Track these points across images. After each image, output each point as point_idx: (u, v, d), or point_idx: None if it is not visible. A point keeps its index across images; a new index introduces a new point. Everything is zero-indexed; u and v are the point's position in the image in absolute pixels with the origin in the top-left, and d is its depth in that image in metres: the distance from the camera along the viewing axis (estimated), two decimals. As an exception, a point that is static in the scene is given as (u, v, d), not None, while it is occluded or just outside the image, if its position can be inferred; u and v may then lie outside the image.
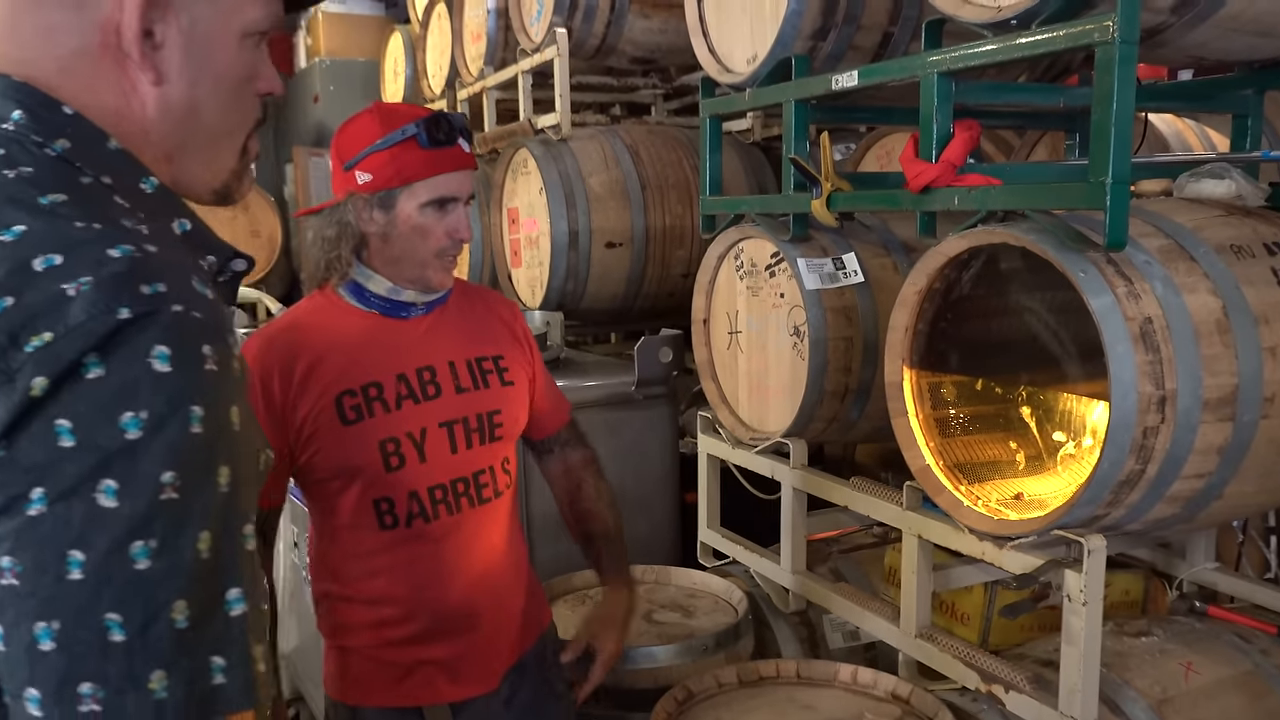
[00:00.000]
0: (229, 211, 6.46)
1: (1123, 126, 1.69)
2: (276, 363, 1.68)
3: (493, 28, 4.47)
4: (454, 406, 1.76)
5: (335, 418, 1.68)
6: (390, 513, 1.72)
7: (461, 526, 1.77)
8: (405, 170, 1.67)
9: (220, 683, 0.75)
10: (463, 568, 1.78)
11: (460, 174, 1.72)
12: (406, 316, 1.78)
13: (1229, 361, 1.79)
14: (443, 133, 1.68)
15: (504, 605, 1.85)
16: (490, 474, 1.80)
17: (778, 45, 2.45)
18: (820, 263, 2.46)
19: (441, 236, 1.70)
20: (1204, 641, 2.16)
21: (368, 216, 1.70)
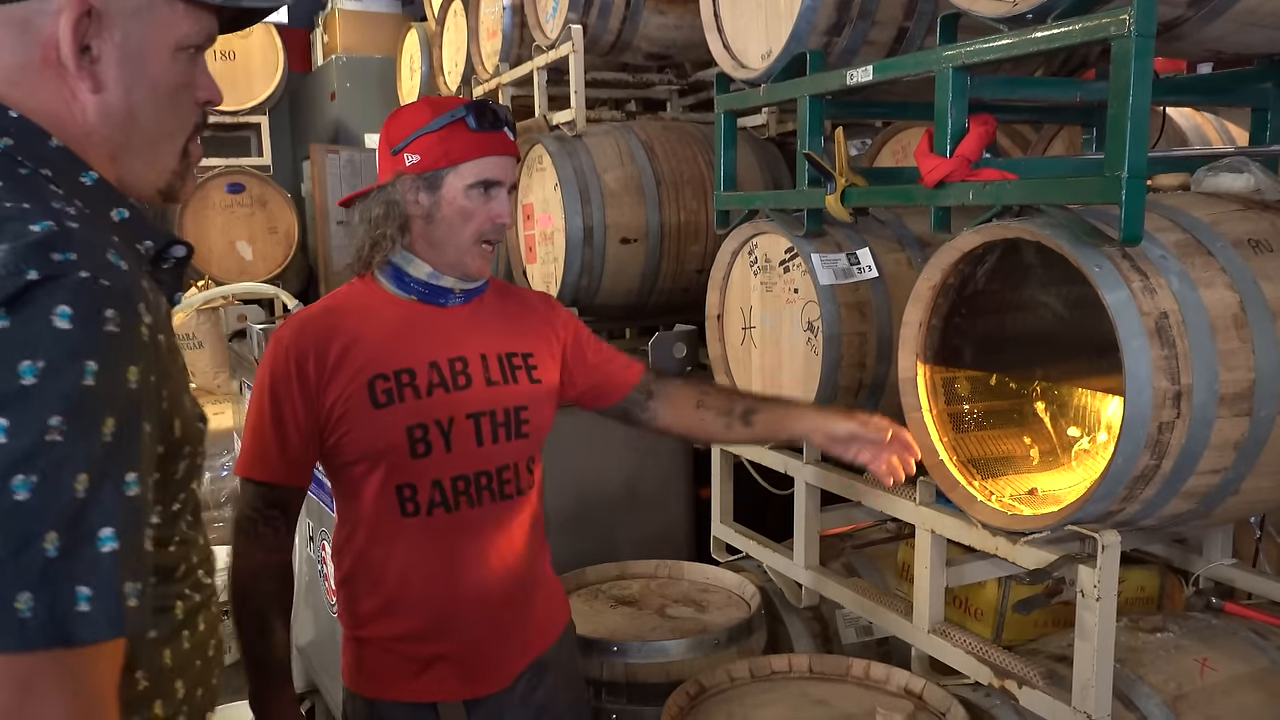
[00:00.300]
0: (247, 208, 6.51)
1: (1139, 121, 1.68)
2: (312, 344, 1.71)
3: (508, 24, 4.48)
4: (483, 399, 1.78)
5: (367, 400, 1.70)
6: (413, 499, 1.73)
7: (482, 521, 1.78)
8: (453, 151, 1.71)
9: (84, 610, 0.81)
10: (479, 563, 1.79)
11: (505, 159, 1.75)
12: (444, 304, 1.80)
13: (1246, 356, 1.78)
14: (489, 119, 1.72)
15: (520, 605, 1.86)
16: (514, 471, 1.81)
17: (792, 41, 2.45)
18: (834, 258, 2.46)
19: (484, 220, 1.73)
20: (1220, 638, 2.15)
21: (414, 198, 1.74)
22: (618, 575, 2.74)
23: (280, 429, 1.71)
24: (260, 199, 6.60)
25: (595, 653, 2.29)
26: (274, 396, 1.72)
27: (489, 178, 1.73)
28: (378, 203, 1.75)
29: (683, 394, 2.05)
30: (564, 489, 3.11)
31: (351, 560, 1.82)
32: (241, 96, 6.59)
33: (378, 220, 1.75)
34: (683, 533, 3.28)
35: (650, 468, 3.20)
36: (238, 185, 6.55)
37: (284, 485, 1.75)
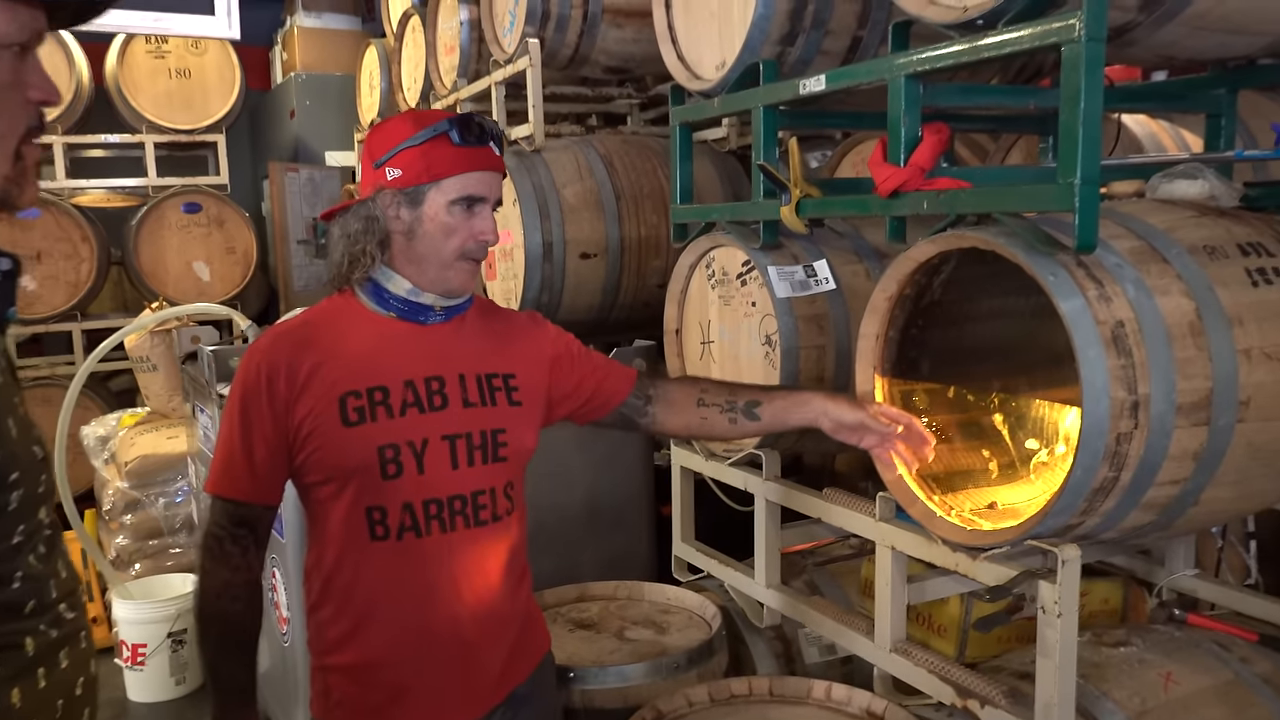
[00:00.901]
0: (204, 228, 6.41)
1: (1091, 126, 1.66)
2: (283, 358, 1.66)
3: (466, 39, 4.44)
4: (459, 420, 1.72)
5: (337, 417, 1.65)
6: (382, 522, 1.67)
7: (454, 548, 1.71)
8: (435, 166, 1.66)
9: None
10: (452, 591, 1.72)
11: (490, 175, 1.70)
12: (424, 321, 1.74)
13: (1203, 365, 1.75)
14: (474, 133, 1.68)
15: (494, 636, 1.78)
16: (490, 496, 1.74)
17: (746, 51, 2.42)
18: (791, 270, 2.42)
19: (467, 236, 1.68)
20: (1184, 650, 2.12)
21: (395, 213, 1.69)
22: (577, 598, 2.68)
23: (249, 445, 1.66)
24: (218, 218, 6.49)
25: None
26: (244, 411, 1.66)
27: (472, 194, 1.67)
28: (357, 217, 1.70)
29: (682, 394, 2.00)
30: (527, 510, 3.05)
31: (320, 585, 1.74)
32: (198, 115, 6.49)
33: (356, 235, 1.70)
34: (645, 552, 3.23)
35: (611, 486, 3.14)
36: (194, 205, 6.43)
37: (252, 503, 1.69)
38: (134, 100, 6.35)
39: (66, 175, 6.20)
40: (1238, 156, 2.31)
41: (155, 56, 6.42)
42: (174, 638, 4.04)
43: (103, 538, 4.70)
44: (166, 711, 4.04)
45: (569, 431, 2.17)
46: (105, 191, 6.51)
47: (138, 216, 6.36)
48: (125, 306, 6.81)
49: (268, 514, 1.73)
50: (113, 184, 6.46)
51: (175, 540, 4.54)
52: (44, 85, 1.04)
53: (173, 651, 4.05)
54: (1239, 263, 1.86)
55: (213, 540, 1.69)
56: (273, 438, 1.65)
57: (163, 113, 6.41)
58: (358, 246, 1.70)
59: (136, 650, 4.03)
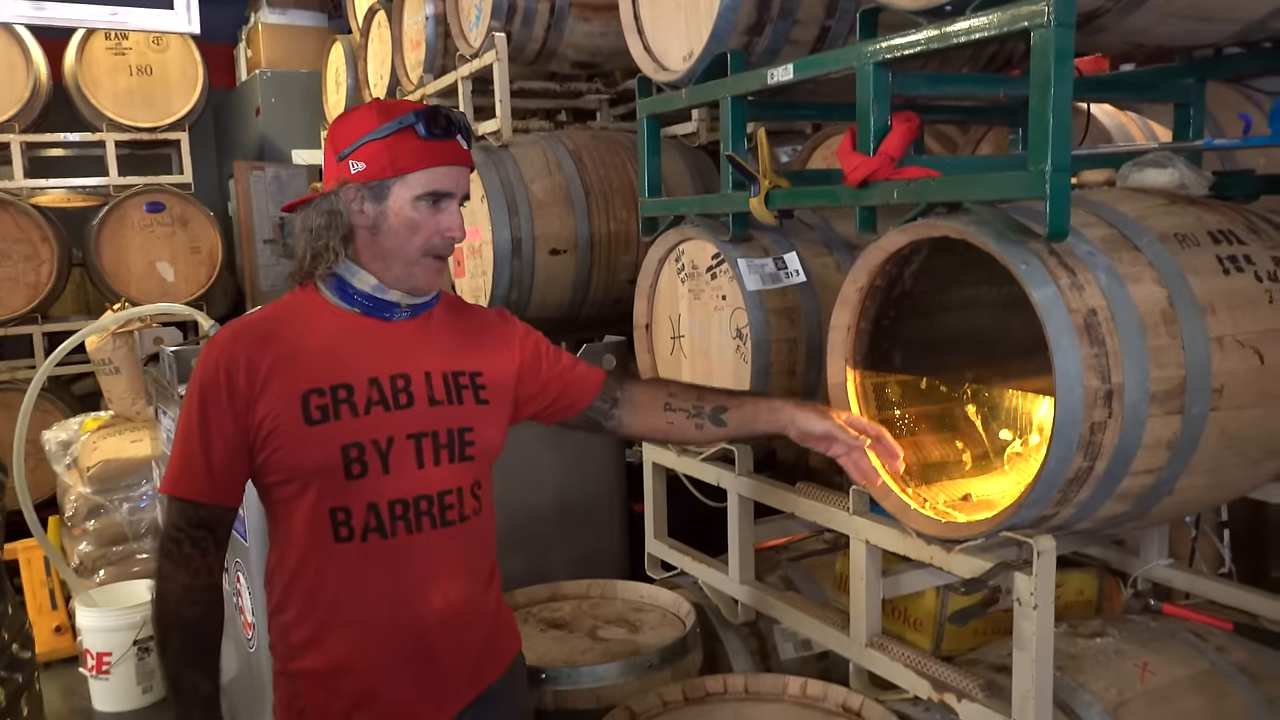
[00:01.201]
0: (168, 227, 6.31)
1: (1061, 112, 1.64)
2: (243, 354, 1.61)
3: (432, 34, 4.38)
4: (425, 419, 1.67)
5: (299, 416, 1.60)
6: (346, 524, 1.63)
7: (421, 548, 1.67)
8: (400, 160, 1.62)
9: None
10: (419, 594, 1.68)
11: (457, 169, 1.66)
12: (389, 318, 1.70)
13: (1176, 353, 1.74)
14: (440, 125, 1.63)
15: (463, 639, 1.74)
16: (458, 496, 1.70)
17: (713, 41, 2.39)
18: (761, 263, 2.40)
19: (432, 232, 1.64)
20: (1159, 640, 2.11)
21: (359, 207, 1.64)
22: (549, 597, 2.64)
23: (207, 444, 1.60)
24: (181, 218, 6.37)
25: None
26: (202, 409, 1.61)
27: (438, 189, 1.63)
28: (320, 212, 1.65)
29: (649, 397, 1.97)
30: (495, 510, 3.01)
31: (282, 587, 1.70)
32: (159, 113, 6.36)
33: (319, 231, 1.65)
34: (617, 550, 3.19)
35: (582, 483, 3.11)
36: (157, 204, 6.31)
37: (211, 504, 1.64)
38: (94, 98, 6.22)
39: (25, 175, 6.07)
40: (1207, 145, 2.31)
41: (115, 53, 6.30)
42: (140, 645, 3.96)
43: (65, 544, 4.60)
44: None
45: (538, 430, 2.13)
46: (65, 191, 6.38)
47: (99, 216, 6.23)
48: (88, 308, 6.69)
49: (228, 515, 1.67)
50: (73, 183, 6.33)
51: (140, 546, 4.45)
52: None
53: (139, 659, 3.97)
54: (1210, 250, 1.85)
55: (171, 543, 1.64)
56: (232, 437, 1.61)
57: (124, 110, 6.28)
58: (320, 242, 1.65)
59: (101, 659, 3.95)
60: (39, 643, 4.33)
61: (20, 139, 6.03)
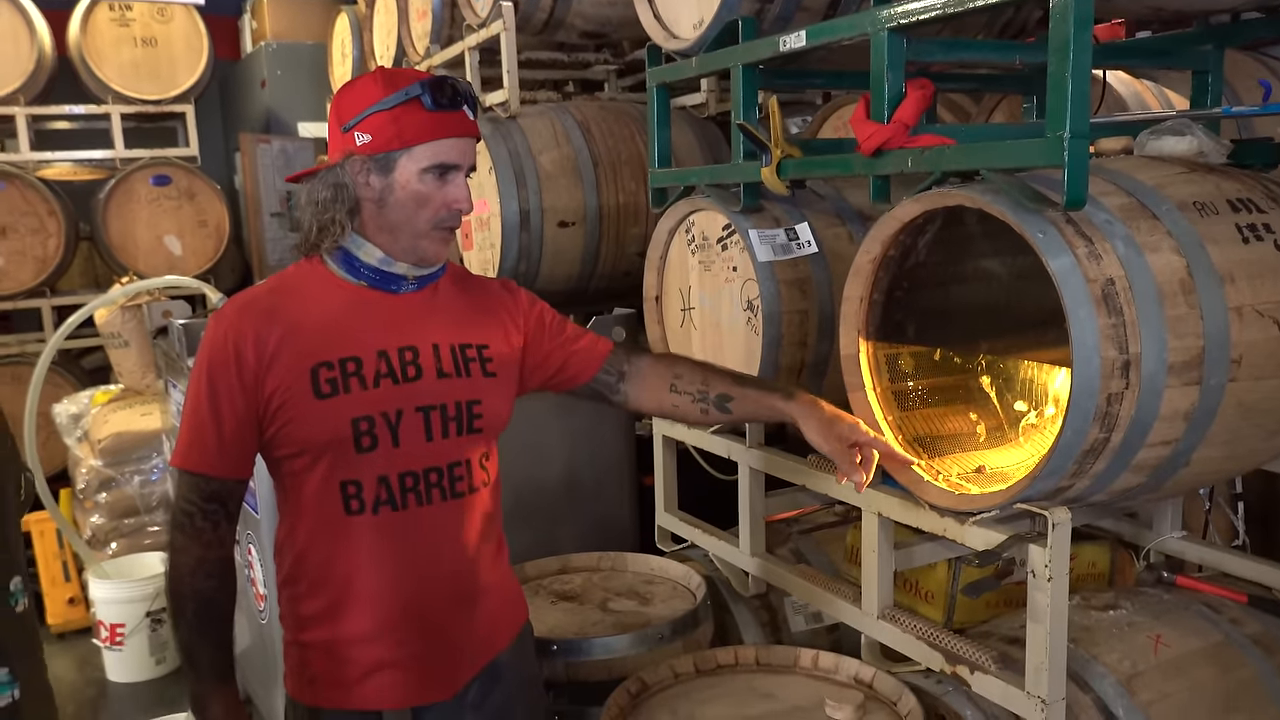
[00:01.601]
0: (174, 200, 6.29)
1: (1079, 78, 1.61)
2: (251, 328, 1.60)
3: (438, 4, 4.34)
4: (434, 392, 1.67)
5: (309, 389, 1.60)
6: (357, 496, 1.63)
7: (431, 520, 1.68)
8: (406, 132, 1.59)
9: None
10: (429, 564, 1.69)
11: (463, 141, 1.64)
12: (396, 291, 1.69)
13: (1194, 323, 1.72)
14: (447, 96, 1.61)
15: (472, 608, 1.75)
16: (466, 468, 1.70)
17: (724, 8, 2.36)
18: (773, 234, 2.37)
19: (440, 205, 1.63)
20: (1173, 613, 2.10)
21: (364, 180, 1.62)
22: (559, 570, 2.64)
23: (217, 417, 1.60)
24: (188, 191, 6.35)
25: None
26: (211, 383, 1.60)
27: (444, 161, 1.61)
28: (325, 184, 1.64)
29: (656, 375, 1.95)
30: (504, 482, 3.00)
31: (292, 560, 1.71)
32: (165, 85, 6.33)
33: (325, 204, 1.63)
34: (627, 523, 3.19)
35: (591, 456, 3.10)
36: (164, 177, 6.29)
37: (222, 477, 1.63)
38: (99, 70, 6.19)
39: (31, 148, 6.05)
40: (1225, 113, 2.27)
41: (119, 25, 6.26)
42: (152, 617, 3.99)
43: (77, 517, 4.63)
44: (147, 691, 4.00)
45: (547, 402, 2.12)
46: (71, 164, 6.36)
47: (106, 189, 6.22)
48: (96, 282, 6.68)
49: (239, 488, 1.67)
50: (79, 156, 6.30)
51: (151, 518, 4.47)
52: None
53: (152, 631, 4.00)
54: (1229, 219, 1.82)
55: (183, 516, 1.64)
56: (242, 410, 1.60)
57: (129, 83, 6.25)
58: (326, 215, 1.64)
59: (115, 630, 3.99)
60: (53, 614, 4.39)
61: (25, 111, 6.01)
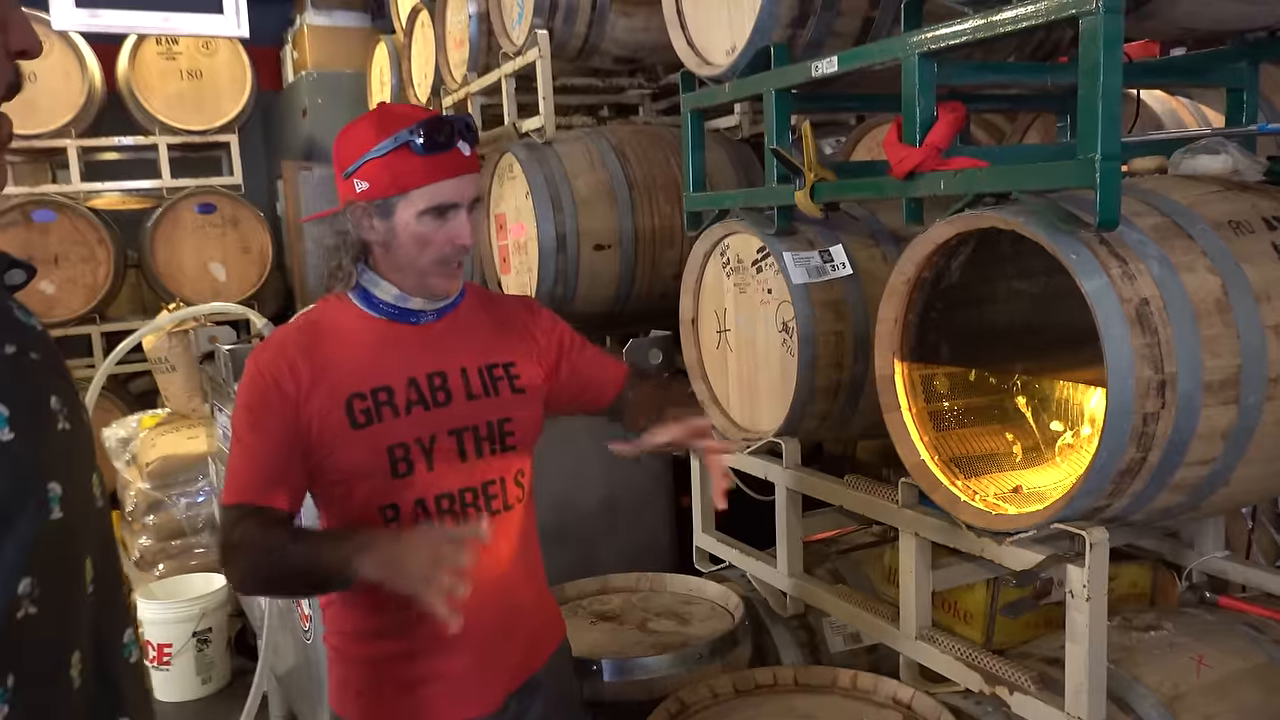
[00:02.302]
0: (219, 228, 6.42)
1: (1110, 100, 1.62)
2: (286, 363, 1.65)
3: (474, 33, 4.41)
4: (465, 414, 1.71)
5: (345, 420, 1.64)
6: (395, 520, 1.67)
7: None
8: (401, 179, 1.62)
9: None
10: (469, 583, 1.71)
11: (460, 179, 1.66)
12: (416, 323, 1.73)
13: (1231, 342, 1.71)
14: (442, 136, 1.63)
15: (510, 623, 1.78)
16: (501, 485, 1.74)
17: (756, 34, 2.39)
18: (807, 256, 2.40)
19: (442, 244, 1.66)
20: (1215, 633, 2.08)
21: (368, 224, 1.67)
22: (598, 590, 2.67)
23: (263, 449, 1.63)
24: (232, 219, 6.49)
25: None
26: (253, 417, 1.64)
27: (441, 202, 1.64)
28: (331, 232, 1.70)
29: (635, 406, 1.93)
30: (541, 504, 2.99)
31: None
32: (209, 116, 6.49)
33: (330, 251, 1.70)
34: (665, 544, 3.21)
35: (629, 478, 3.12)
36: (209, 205, 6.44)
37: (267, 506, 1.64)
38: (146, 102, 6.35)
39: (81, 178, 6.21)
40: (1260, 130, 2.26)
41: (166, 58, 6.42)
42: (199, 637, 4.05)
43: (126, 539, 4.72)
44: (194, 711, 4.06)
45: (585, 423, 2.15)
46: (120, 194, 6.53)
47: (153, 218, 6.37)
48: (144, 308, 6.83)
49: (291, 519, 1.69)
50: (127, 186, 6.47)
51: (198, 540, 4.55)
52: (23, 28, 0.85)
53: (198, 651, 4.07)
54: (1265, 237, 1.82)
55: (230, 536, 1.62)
56: (285, 441, 1.63)
57: (175, 114, 6.41)
58: (333, 262, 1.70)
59: (162, 650, 4.06)
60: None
61: (76, 144, 6.18)
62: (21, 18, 0.85)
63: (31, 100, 6.00)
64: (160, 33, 5.91)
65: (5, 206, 5.92)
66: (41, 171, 6.75)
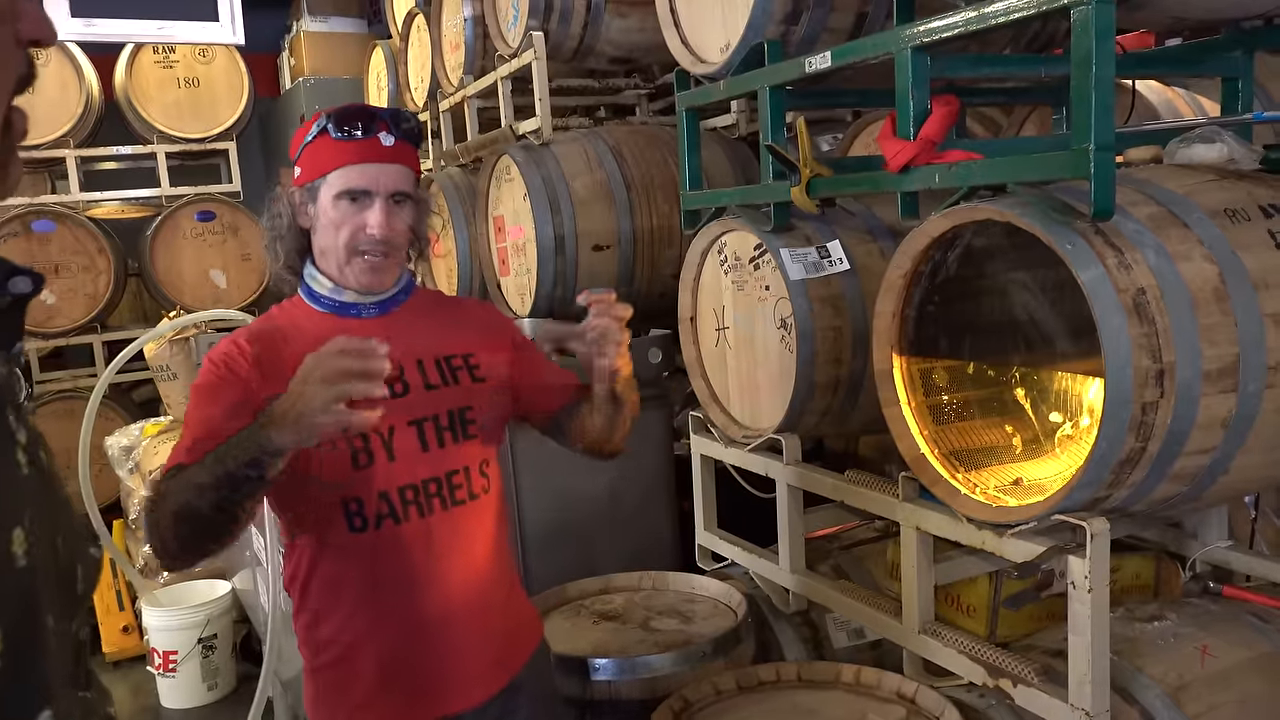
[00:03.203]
0: (219, 235, 6.43)
1: (1103, 90, 1.62)
2: (239, 351, 1.67)
3: (470, 36, 4.42)
4: (423, 404, 1.72)
5: None
6: (360, 514, 1.67)
7: (434, 530, 1.71)
8: (320, 163, 1.69)
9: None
10: (437, 576, 1.71)
11: (374, 167, 1.68)
12: (357, 316, 1.74)
13: (1229, 330, 1.71)
14: (353, 123, 1.67)
15: (487, 615, 1.77)
16: (465, 474, 1.74)
17: (749, 31, 2.39)
18: (804, 252, 2.39)
19: (354, 231, 1.68)
20: (1220, 623, 2.08)
21: (304, 210, 1.73)
22: (601, 590, 2.67)
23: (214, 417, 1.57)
24: (232, 226, 6.50)
25: (577, 671, 2.21)
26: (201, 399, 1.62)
27: (352, 187, 1.67)
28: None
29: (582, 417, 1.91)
30: (543, 503, 3.04)
31: (304, 587, 1.74)
32: (207, 123, 6.50)
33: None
34: (668, 542, 3.20)
35: (631, 477, 3.12)
36: (208, 213, 6.45)
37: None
38: (144, 111, 6.37)
39: (80, 188, 6.23)
40: (1256, 118, 2.26)
41: (163, 66, 6.44)
42: (204, 643, 4.06)
43: (130, 547, 4.73)
44: (199, 717, 4.07)
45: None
46: (119, 203, 6.54)
47: (152, 227, 6.38)
48: (144, 317, 6.84)
49: None
50: (126, 195, 6.49)
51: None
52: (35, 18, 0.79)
53: (204, 657, 4.07)
54: (1261, 225, 1.82)
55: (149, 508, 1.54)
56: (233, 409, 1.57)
57: (173, 122, 6.43)
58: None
59: (168, 657, 4.06)
60: (108, 643, 4.48)
61: (75, 154, 6.19)
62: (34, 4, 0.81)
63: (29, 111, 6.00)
64: (156, 41, 5.93)
65: (5, 217, 5.94)
66: (40, 182, 6.76)
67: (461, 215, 4.31)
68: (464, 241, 4.31)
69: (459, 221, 4.31)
